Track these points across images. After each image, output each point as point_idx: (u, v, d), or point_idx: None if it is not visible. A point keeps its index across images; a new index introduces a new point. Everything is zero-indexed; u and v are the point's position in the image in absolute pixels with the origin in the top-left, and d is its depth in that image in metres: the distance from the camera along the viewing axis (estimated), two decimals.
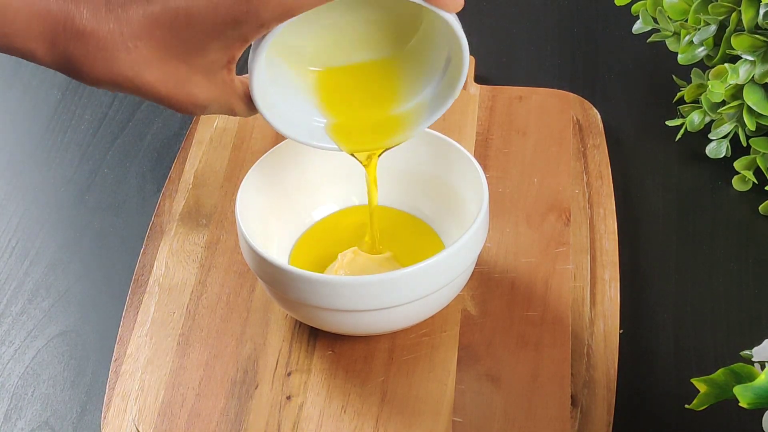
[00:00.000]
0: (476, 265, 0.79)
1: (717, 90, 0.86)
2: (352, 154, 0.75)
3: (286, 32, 0.67)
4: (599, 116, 0.92)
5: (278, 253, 0.80)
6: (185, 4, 0.63)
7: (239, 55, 0.66)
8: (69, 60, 0.64)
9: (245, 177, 0.77)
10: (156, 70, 0.65)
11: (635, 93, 0.96)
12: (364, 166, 0.76)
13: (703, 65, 0.92)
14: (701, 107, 0.90)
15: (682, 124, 0.91)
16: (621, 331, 0.77)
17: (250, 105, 0.69)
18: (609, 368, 0.75)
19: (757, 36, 0.85)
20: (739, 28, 0.87)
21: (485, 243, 0.76)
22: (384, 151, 0.75)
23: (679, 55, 0.91)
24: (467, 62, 0.70)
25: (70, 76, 0.65)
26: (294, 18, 0.64)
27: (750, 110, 0.86)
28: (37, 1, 0.63)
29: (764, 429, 0.61)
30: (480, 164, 0.77)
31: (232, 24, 0.63)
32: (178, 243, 0.84)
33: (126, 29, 0.63)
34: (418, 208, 0.83)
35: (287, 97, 0.73)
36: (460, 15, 0.67)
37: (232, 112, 0.69)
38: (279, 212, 0.80)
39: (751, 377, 0.60)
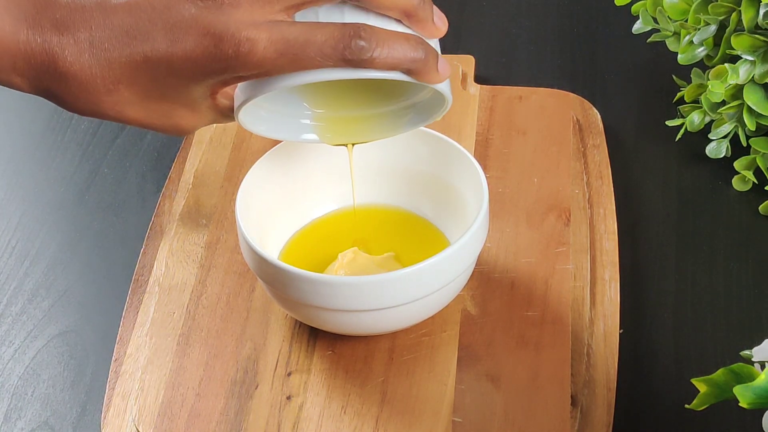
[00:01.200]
0: (476, 265, 0.79)
1: (717, 90, 0.86)
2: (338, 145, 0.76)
3: None
4: (599, 116, 0.92)
5: (278, 253, 0.80)
6: (166, 54, 0.63)
7: (222, 89, 0.67)
8: (51, 95, 0.65)
9: (245, 177, 0.77)
10: (138, 108, 0.65)
11: (635, 93, 0.96)
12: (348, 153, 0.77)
13: (703, 65, 0.92)
14: (701, 107, 0.90)
15: (682, 124, 0.91)
16: (621, 331, 0.77)
17: (231, 117, 0.69)
18: (609, 368, 0.75)
19: (757, 36, 0.84)
20: (739, 28, 0.87)
21: (485, 243, 0.76)
22: (361, 143, 0.76)
23: (679, 55, 0.91)
24: (450, 104, 0.70)
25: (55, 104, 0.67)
26: (273, 91, 0.65)
27: (750, 110, 0.86)
28: (22, 39, 0.63)
29: (764, 429, 0.61)
30: (480, 164, 0.77)
31: (212, 75, 0.64)
32: (178, 243, 0.84)
33: (108, 73, 0.64)
34: (419, 208, 0.83)
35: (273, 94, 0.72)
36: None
37: (215, 123, 0.70)
38: (279, 212, 0.80)
39: (751, 377, 0.60)
